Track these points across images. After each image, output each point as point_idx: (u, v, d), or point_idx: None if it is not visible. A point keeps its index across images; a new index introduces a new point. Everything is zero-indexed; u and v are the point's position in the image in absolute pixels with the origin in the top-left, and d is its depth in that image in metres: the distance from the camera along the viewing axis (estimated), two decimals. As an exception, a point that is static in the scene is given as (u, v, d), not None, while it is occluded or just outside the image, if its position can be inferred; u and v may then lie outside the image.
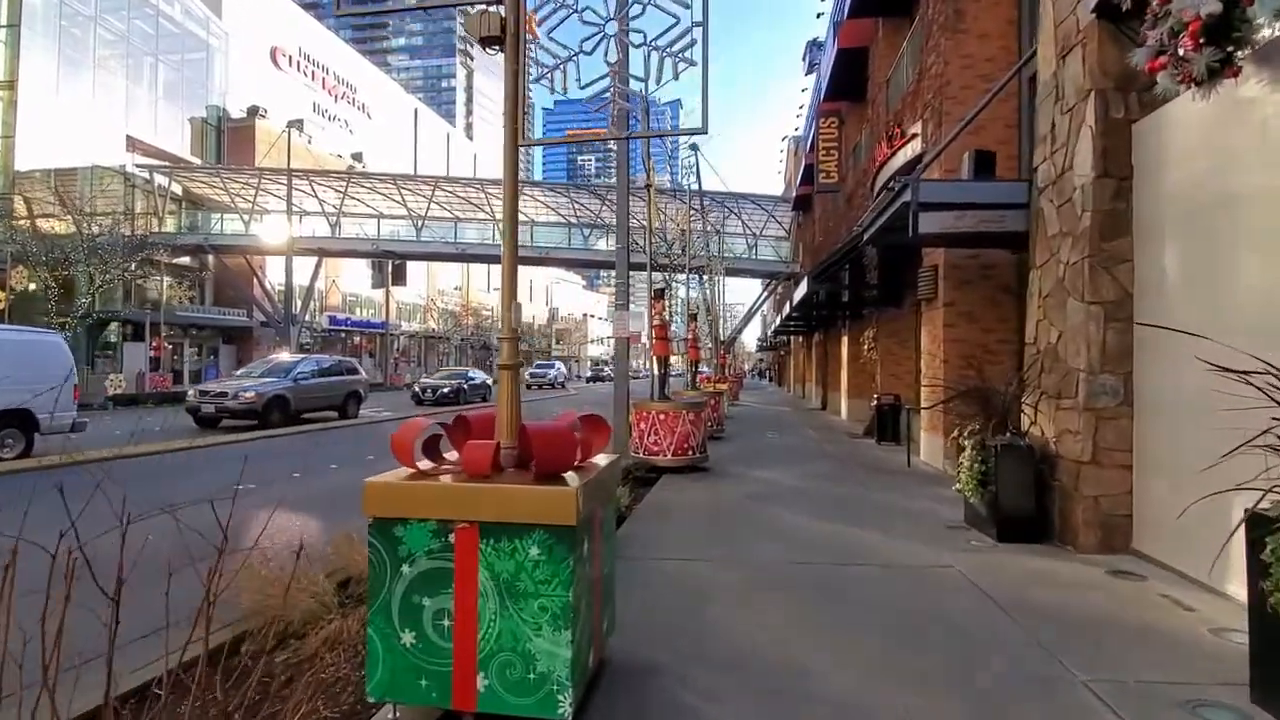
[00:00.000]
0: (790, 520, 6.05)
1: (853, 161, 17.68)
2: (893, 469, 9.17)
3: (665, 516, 6.24)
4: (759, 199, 32.90)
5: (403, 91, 65.94)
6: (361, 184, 34.36)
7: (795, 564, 4.69)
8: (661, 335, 9.30)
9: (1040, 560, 4.73)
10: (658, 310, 9.41)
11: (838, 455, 10.62)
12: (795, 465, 9.52)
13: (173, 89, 36.39)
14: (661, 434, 8.83)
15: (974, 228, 6.05)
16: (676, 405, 8.87)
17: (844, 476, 8.56)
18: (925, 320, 9.86)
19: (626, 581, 4.19)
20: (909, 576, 4.40)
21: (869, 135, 15.22)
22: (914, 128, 10.33)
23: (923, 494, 7.33)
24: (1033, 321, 5.79)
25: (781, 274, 31.96)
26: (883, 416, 12.15)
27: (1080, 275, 4.94)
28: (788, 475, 8.63)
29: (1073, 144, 5.16)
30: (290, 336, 31.92)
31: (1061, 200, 5.29)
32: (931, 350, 9.55)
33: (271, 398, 13.62)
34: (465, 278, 59.84)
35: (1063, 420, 5.11)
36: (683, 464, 8.81)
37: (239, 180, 33.27)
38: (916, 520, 6.05)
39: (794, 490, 7.64)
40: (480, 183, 34.26)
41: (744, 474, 8.75)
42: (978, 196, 6.13)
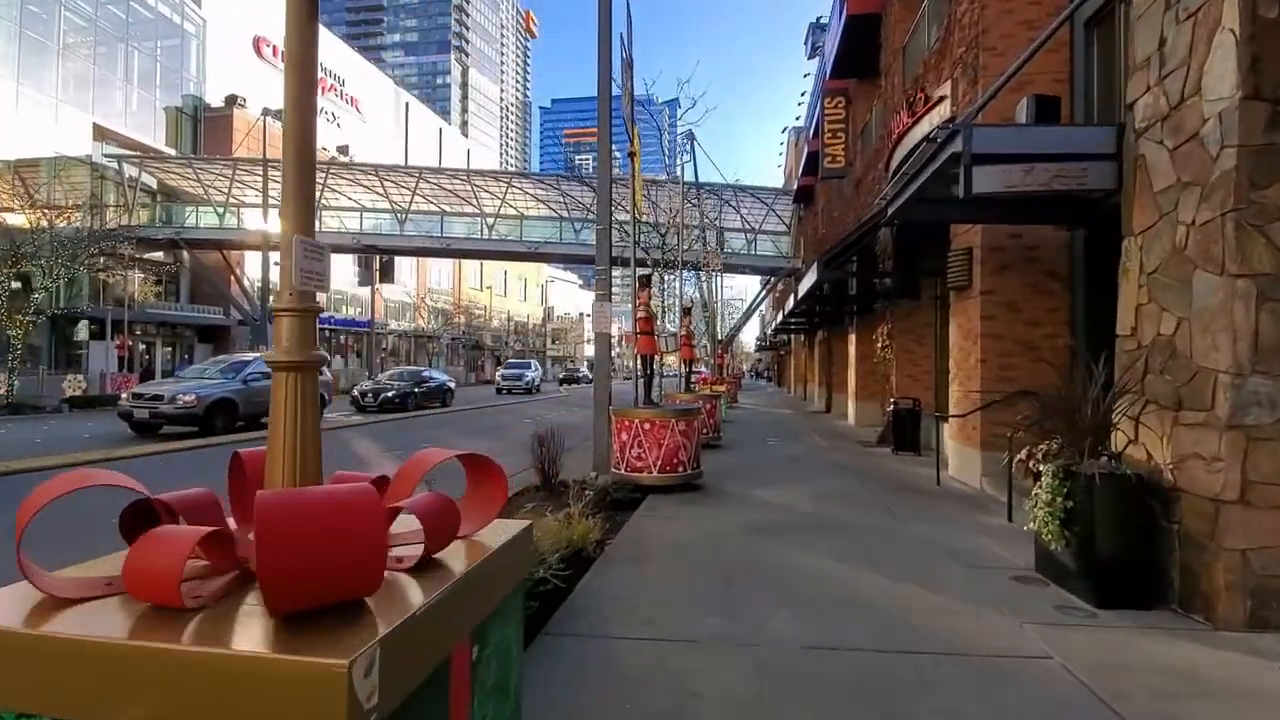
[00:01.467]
0: (806, 567, 4.63)
1: (861, 145, 16.31)
2: (920, 487, 7.76)
3: (642, 561, 4.82)
4: (758, 191, 31.48)
5: (394, 85, 64.43)
6: (343, 175, 32.86)
7: (818, 650, 3.27)
8: (646, 329, 7.89)
9: (1175, 645, 3.31)
10: (643, 301, 7.99)
11: (852, 469, 9.21)
12: (804, 482, 8.11)
13: (146, 77, 34.84)
14: (646, 446, 7.42)
15: (1046, 185, 4.65)
16: (664, 413, 7.46)
17: (865, 499, 7.14)
18: (955, 312, 8.47)
19: (561, 684, 2.77)
20: (988, 677, 2.99)
21: (880, 113, 13.84)
22: (940, 90, 8.92)
23: (966, 524, 5.92)
24: (1129, 307, 4.38)
25: (782, 270, 30.56)
26: (900, 423, 10.76)
27: (1218, 238, 3.53)
28: (797, 496, 7.21)
29: (1198, 60, 3.75)
30: (268, 335, 30.43)
31: (1180, 139, 3.88)
32: (964, 347, 8.15)
33: (215, 402, 12.18)
34: (456, 275, 58.41)
35: (1188, 441, 3.70)
36: (672, 482, 7.40)
37: (213, 171, 31.76)
38: (971, 566, 4.63)
39: (806, 519, 6.22)
40: (467, 174, 32.77)
41: (744, 495, 7.34)
42: (1050, 145, 4.73)
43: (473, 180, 31.83)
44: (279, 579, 1.05)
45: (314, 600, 1.10)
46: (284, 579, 1.06)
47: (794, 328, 28.07)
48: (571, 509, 5.51)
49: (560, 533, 4.91)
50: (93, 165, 30.05)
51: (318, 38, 1.58)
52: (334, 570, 1.10)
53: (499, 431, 14.99)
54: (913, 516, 6.24)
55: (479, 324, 59.26)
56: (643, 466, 7.43)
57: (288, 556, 1.06)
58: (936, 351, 11.65)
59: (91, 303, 28.64)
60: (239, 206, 32.96)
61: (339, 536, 1.12)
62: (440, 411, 19.17)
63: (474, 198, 32.63)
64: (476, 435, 14.36)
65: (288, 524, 1.08)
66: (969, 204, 7.19)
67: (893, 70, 12.58)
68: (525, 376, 33.26)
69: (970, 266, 7.91)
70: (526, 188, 33.48)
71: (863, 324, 15.94)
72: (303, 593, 1.08)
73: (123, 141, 31.59)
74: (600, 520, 5.96)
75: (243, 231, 31.23)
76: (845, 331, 18.08)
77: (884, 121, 13.11)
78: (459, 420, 17.31)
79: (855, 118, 16.81)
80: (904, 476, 8.53)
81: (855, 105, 16.85)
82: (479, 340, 58.19)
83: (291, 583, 1.07)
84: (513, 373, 34.11)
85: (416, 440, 12.77)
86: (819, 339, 23.97)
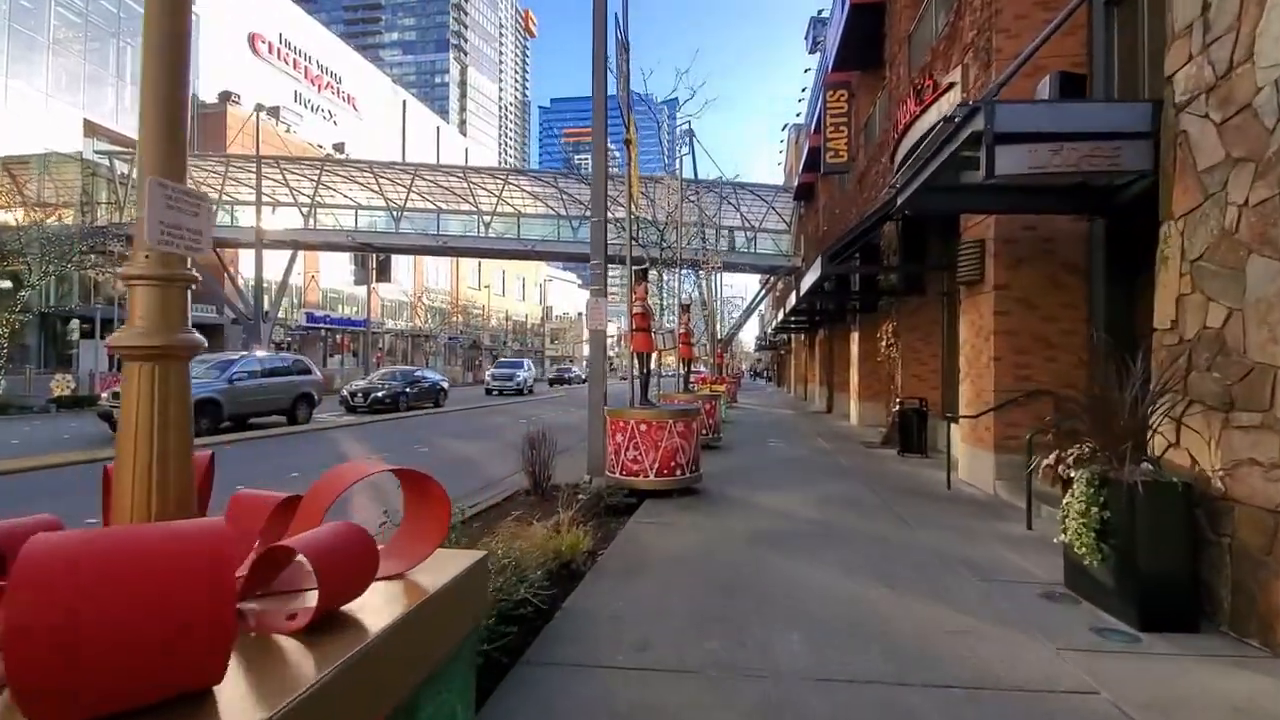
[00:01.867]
0: (814, 582, 4.26)
1: (864, 139, 15.94)
2: (930, 492, 7.38)
3: (635, 574, 4.45)
4: (757, 188, 31.09)
5: (391, 83, 64.05)
6: (338, 173, 32.46)
7: (833, 684, 2.90)
8: (642, 326, 7.50)
9: (1234, 676, 2.94)
10: (639, 296, 7.61)
11: (857, 471, 8.84)
12: (808, 485, 7.74)
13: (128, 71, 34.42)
14: (643, 449, 7.04)
15: (1076, 166, 4.27)
16: (661, 413, 7.08)
17: (872, 504, 6.77)
18: (967, 308, 8.10)
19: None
20: (1029, 717, 2.61)
21: (885, 105, 13.47)
22: (950, 76, 8.56)
23: (984, 533, 5.55)
24: (1169, 298, 4.00)
25: (782, 268, 30.18)
26: (906, 424, 10.39)
27: (1277, 219, 3.16)
28: (801, 501, 6.84)
29: (1249, 22, 3.38)
30: (262, 334, 30.04)
31: (1229, 112, 3.51)
32: (976, 344, 7.78)
33: (197, 402, 11.77)
34: (454, 274, 58.03)
35: (1241, 445, 3.33)
36: (669, 486, 7.03)
37: (204, 168, 31.34)
38: (993, 581, 4.26)
39: (812, 526, 5.84)
40: (464, 171, 32.37)
41: (746, 500, 6.96)
42: (1081, 122, 4.35)
43: (469, 177, 31.44)
44: (40, 682, 0.67)
45: (112, 707, 0.72)
46: (49, 681, 0.67)
47: (794, 326, 27.71)
48: (560, 516, 5.14)
49: (547, 544, 4.54)
50: (84, 162, 29.64)
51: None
52: (142, 659, 0.72)
53: (491, 433, 14.61)
54: (924, 523, 5.87)
55: (477, 323, 58.88)
56: (639, 470, 7.06)
57: (55, 644, 0.68)
58: (944, 350, 11.29)
59: (82, 301, 28.25)
60: (233, 204, 32.56)
61: (150, 605, 0.74)
62: (432, 412, 18.76)
63: (470, 195, 32.23)
64: (467, 437, 13.99)
65: (61, 590, 0.70)
66: (983, 192, 6.83)
67: (898, 60, 12.21)
68: (516, 377, 30.69)
69: (982, 260, 7.54)
70: (524, 184, 33.08)
71: (866, 322, 15.58)
72: (86, 702, 0.69)
73: (114, 138, 31.19)
74: (592, 528, 5.59)
75: (236, 229, 30.83)
76: (847, 330, 17.71)
77: (889, 114, 12.74)
78: (450, 421, 16.93)
79: (858, 111, 16.44)
80: (912, 480, 8.16)
81: (858, 99, 16.48)
82: (477, 340, 57.80)
83: (64, 686, 0.68)
84: (503, 372, 31.53)
85: (402, 441, 12.40)
86: (819, 338, 23.61)
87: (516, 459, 7.31)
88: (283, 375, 14.03)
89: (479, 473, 9.29)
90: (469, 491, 7.96)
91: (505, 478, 8.46)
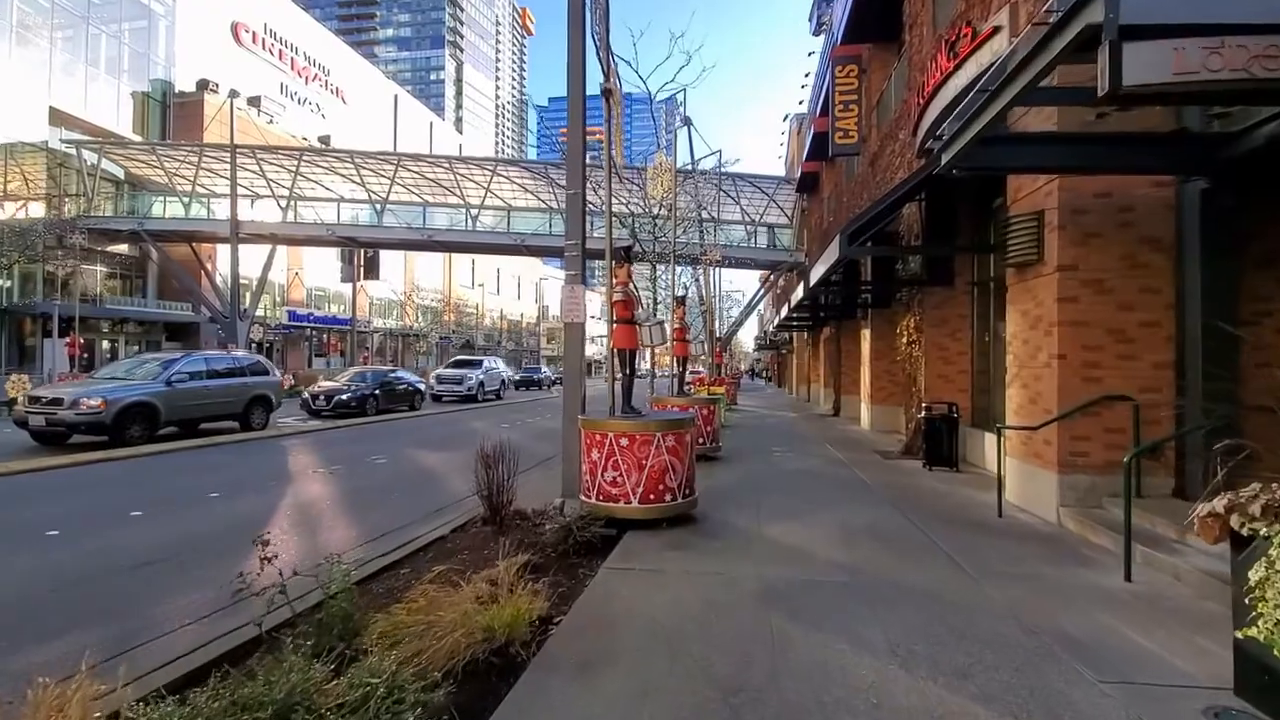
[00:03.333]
0: (858, 679, 2.90)
1: (876, 118, 14.60)
2: (977, 519, 6.02)
3: (599, 667, 3.07)
4: (758, 179, 29.71)
5: (382, 77, 62.62)
6: (318, 164, 31.00)
7: None
8: (624, 316, 6.13)
9: None
10: (620, 281, 6.24)
11: (882, 489, 7.48)
12: (827, 509, 6.37)
13: (110, 61, 32.96)
14: (625, 467, 5.68)
15: (1244, 69, 2.90)
16: (646, 424, 5.72)
17: (912, 538, 5.41)
18: (1016, 296, 6.74)
19: None
20: None
21: (903, 74, 12.13)
22: (995, 19, 7.19)
23: (1071, 587, 4.19)
24: None
25: (784, 263, 28.84)
26: (934, 432, 9.03)
27: None
28: (822, 535, 5.47)
29: None
30: (238, 333, 28.63)
31: None
32: (1030, 339, 6.43)
33: (126, 407, 10.39)
34: (446, 272, 56.63)
35: None
36: (657, 515, 5.67)
37: (177, 158, 29.89)
38: (1126, 684, 2.90)
39: (841, 574, 4.47)
40: (449, 161, 30.91)
41: (752, 532, 5.60)
42: (1249, 10, 2.98)
43: (455, 168, 29.99)
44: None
45: None
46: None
47: (797, 324, 26.37)
48: (501, 570, 3.78)
49: (473, 619, 3.18)
50: (49, 151, 28.17)
51: None
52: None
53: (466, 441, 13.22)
54: (986, 570, 4.50)
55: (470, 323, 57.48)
56: (619, 494, 5.69)
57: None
58: (973, 348, 9.95)
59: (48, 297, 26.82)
60: (209, 197, 31.13)
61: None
62: (405, 416, 17.24)
63: (457, 187, 30.81)
64: (436, 445, 12.60)
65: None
66: (1054, 145, 5.48)
67: (920, 20, 10.86)
68: (468, 380, 23.39)
69: (1040, 236, 6.19)
70: (513, 175, 31.65)
71: (880, 317, 14.23)
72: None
73: (83, 127, 29.73)
74: (553, 579, 4.24)
75: (210, 222, 29.41)
76: (858, 327, 16.37)
77: (908, 83, 11.40)
78: (424, 427, 15.48)
79: (870, 88, 15.09)
80: (950, 502, 6.80)
81: (870, 75, 15.12)
82: (470, 340, 56.39)
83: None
84: (452, 374, 24.01)
85: (360, 451, 11.01)
86: (824, 336, 22.26)
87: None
88: (233, 376, 12.61)
89: (439, 491, 7.93)
90: (418, 516, 6.62)
91: (466, 498, 7.09)
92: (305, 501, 7.30)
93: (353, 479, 8.67)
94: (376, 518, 6.59)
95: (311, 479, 8.62)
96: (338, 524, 6.38)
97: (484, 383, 24.12)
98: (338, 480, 8.56)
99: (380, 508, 7.06)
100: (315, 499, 7.44)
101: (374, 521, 6.42)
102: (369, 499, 7.49)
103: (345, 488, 8.09)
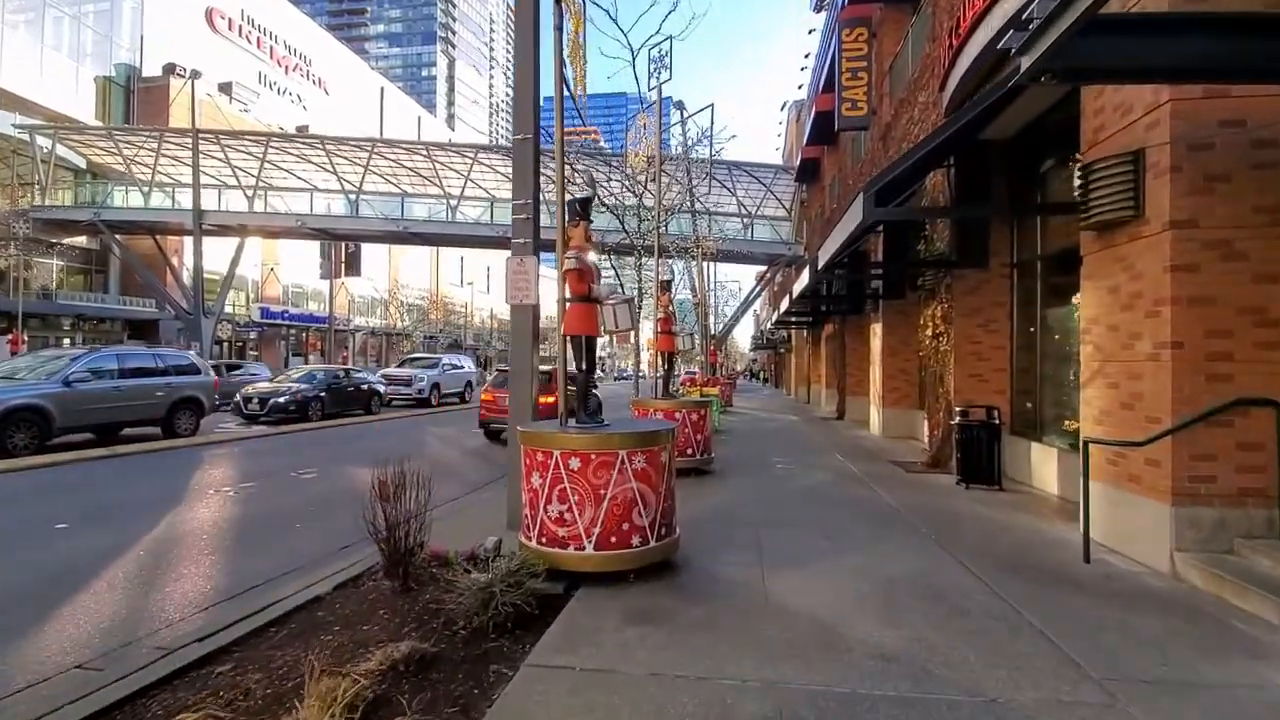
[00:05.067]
0: None
1: (889, 85, 13.05)
2: (1063, 569, 4.43)
3: None
4: (754, 168, 28.13)
5: (367, 69, 60.88)
6: (288, 152, 29.28)
7: None
8: (579, 291, 4.50)
9: None
10: (575, 244, 4.62)
11: (916, 517, 5.89)
12: (852, 553, 4.78)
13: (70, 43, 31.15)
14: (577, 498, 4.08)
15: None
16: (606, 439, 4.12)
17: (983, 605, 3.81)
18: (1097, 268, 5.16)
19: None
20: None
21: (923, 28, 10.58)
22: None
23: (1252, 704, 2.59)
24: None
25: (783, 257, 27.28)
26: (970, 442, 7.46)
27: None
28: (852, 599, 3.88)
29: None
30: (203, 331, 26.89)
31: None
32: (1120, 324, 4.85)
33: (8, 411, 8.74)
34: (434, 269, 54.92)
35: None
36: (619, 567, 4.08)
37: (135, 144, 28.13)
38: None
39: (899, 680, 2.87)
40: (427, 148, 29.21)
41: (753, 593, 3.99)
42: None
43: (435, 156, 28.30)
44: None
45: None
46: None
47: (796, 322, 24.81)
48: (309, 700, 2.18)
49: None
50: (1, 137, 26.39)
51: None
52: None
53: (420, 449, 11.61)
54: (1117, 668, 2.91)
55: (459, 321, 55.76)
56: (568, 536, 4.09)
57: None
58: (1013, 341, 8.39)
59: (-2, 293, 25.09)
60: (174, 187, 29.37)
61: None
62: (359, 421, 15.31)
63: (437, 177, 29.12)
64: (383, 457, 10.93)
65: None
66: (1198, 33, 3.87)
67: (947, -42, 9.28)
68: (418, 381, 20.38)
69: (1138, 184, 4.61)
70: (497, 165, 29.98)
71: (893, 310, 12.68)
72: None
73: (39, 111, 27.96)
74: (432, 701, 2.64)
75: (171, 212, 27.66)
76: (866, 322, 14.81)
77: (930, 33, 9.85)
78: (376, 433, 13.68)
79: (881, 53, 13.54)
80: (1012, 538, 5.21)
81: (881, 40, 13.58)
82: (458, 339, 54.65)
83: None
84: (401, 374, 20.83)
85: (291, 463, 9.33)
86: (827, 333, 20.70)
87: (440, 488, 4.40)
88: (154, 376, 10.93)
89: (358, 519, 6.30)
90: (319, 554, 5.01)
91: (347, 546, 5.46)
92: (178, 535, 5.68)
93: (260, 501, 7.05)
94: (259, 560, 4.99)
95: (206, 501, 6.98)
96: (199, 570, 4.77)
97: (440, 384, 20.96)
98: (240, 503, 6.94)
99: (273, 544, 5.46)
100: (193, 531, 5.81)
101: (252, 566, 4.82)
102: (266, 530, 5.87)
103: (243, 514, 6.47)
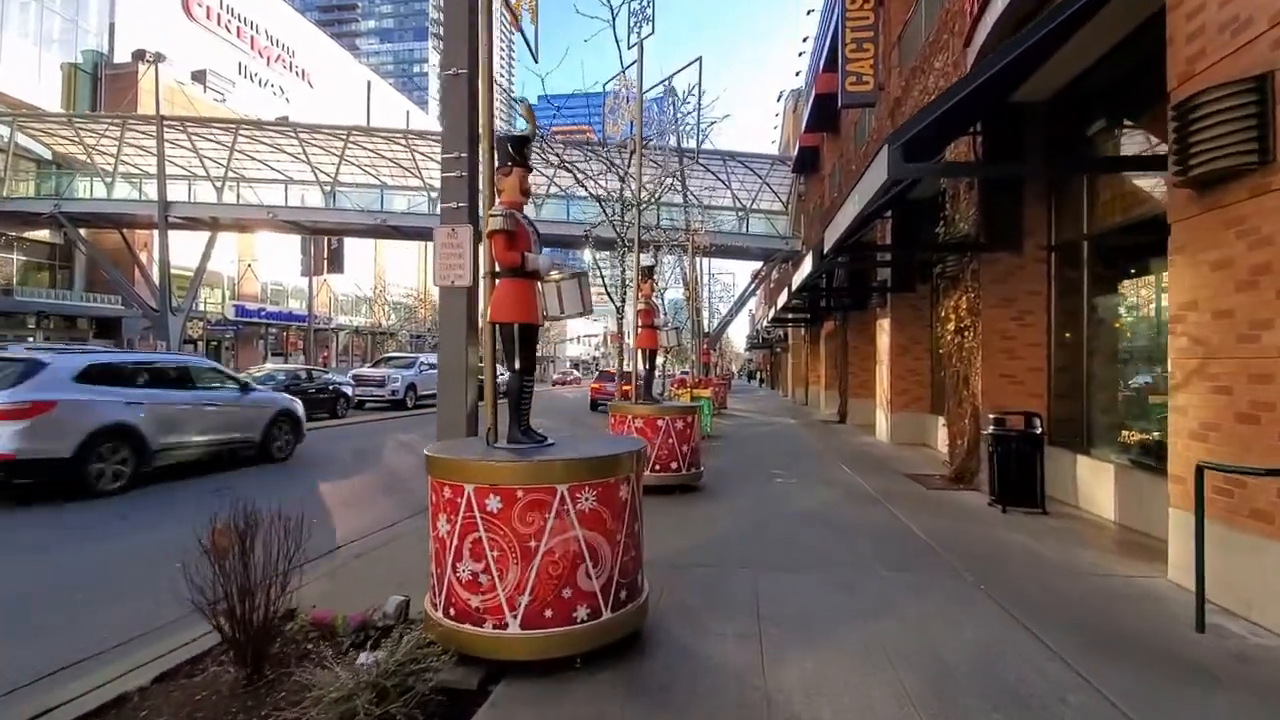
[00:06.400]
0: None
1: (898, 56, 11.88)
2: (1172, 645, 3.23)
3: None
4: (749, 158, 26.92)
5: (354, 61, 59.46)
6: (261, 141, 27.93)
7: None
8: (510, 261, 3.27)
9: None
10: (506, 198, 3.40)
11: (956, 557, 4.69)
12: (882, 615, 3.58)
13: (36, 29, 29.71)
14: (498, 553, 2.85)
15: None
16: (537, 468, 2.88)
17: (1075, 708, 2.59)
18: (1196, 236, 3.96)
19: None
20: None
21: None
22: None
23: None
24: None
25: (780, 252, 26.12)
26: (1007, 455, 6.25)
27: None
28: (894, 698, 2.66)
29: None
30: (170, 329, 25.54)
31: None
32: (1234, 309, 3.65)
33: None
34: (422, 265, 53.60)
35: None
36: (559, 652, 2.85)
37: (98, 132, 26.73)
38: None
39: None
40: (406, 135, 27.89)
41: (749, 690, 2.77)
42: None
43: (414, 145, 27.00)
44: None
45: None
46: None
47: (793, 319, 23.66)
48: None
49: None
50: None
51: None
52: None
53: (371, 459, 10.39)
54: None
55: (447, 320, 54.35)
56: (485, 608, 2.87)
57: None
58: (1051, 336, 7.22)
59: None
60: (140, 178, 27.99)
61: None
62: (318, 426, 13.96)
63: (417, 169, 27.82)
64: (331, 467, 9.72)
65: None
66: None
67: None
68: (392, 382, 19.55)
69: (1265, 122, 3.42)
70: (482, 157, 28.63)
71: (903, 304, 11.54)
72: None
73: (0, 99, 26.57)
74: None
75: (135, 203, 26.26)
76: (871, 318, 13.65)
77: None
78: (336, 441, 12.43)
79: (889, 22, 12.37)
80: (1084, 589, 4.02)
81: (889, 6, 12.41)
82: (447, 338, 53.20)
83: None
84: (373, 374, 20.09)
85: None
86: (827, 331, 19.54)
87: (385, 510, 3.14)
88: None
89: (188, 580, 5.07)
90: (184, 612, 3.55)
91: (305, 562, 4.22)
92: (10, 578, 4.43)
93: (151, 528, 5.81)
94: (94, 620, 3.74)
95: (93, 529, 5.73)
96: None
97: (416, 385, 19.73)
98: (125, 532, 5.69)
99: (127, 595, 4.22)
100: (39, 575, 4.57)
101: (75, 634, 3.56)
102: (130, 575, 4.64)
103: (119, 548, 5.23)
